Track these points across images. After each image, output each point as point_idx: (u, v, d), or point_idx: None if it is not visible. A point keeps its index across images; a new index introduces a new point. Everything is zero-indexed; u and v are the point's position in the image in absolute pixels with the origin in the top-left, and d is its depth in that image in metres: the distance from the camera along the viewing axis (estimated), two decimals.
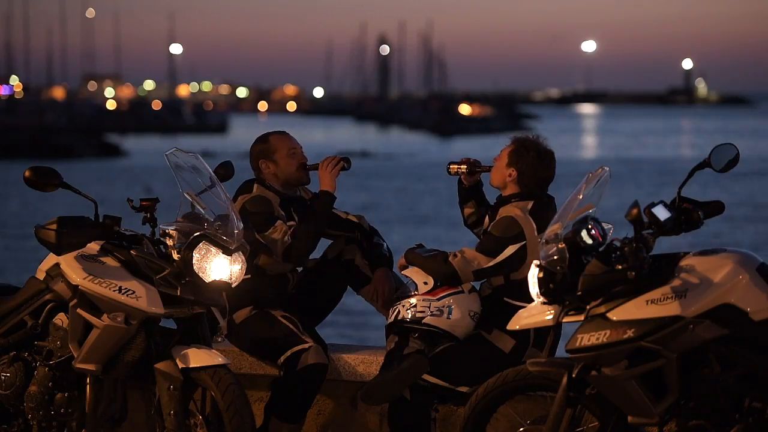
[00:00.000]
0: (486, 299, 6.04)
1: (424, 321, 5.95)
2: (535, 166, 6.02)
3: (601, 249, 5.04)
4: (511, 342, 5.94)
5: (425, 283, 6.00)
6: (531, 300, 5.25)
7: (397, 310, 6.02)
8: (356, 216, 6.54)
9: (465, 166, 6.31)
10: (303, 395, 6.13)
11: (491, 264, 5.89)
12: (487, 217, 6.15)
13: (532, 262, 5.76)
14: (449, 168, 6.37)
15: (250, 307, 6.25)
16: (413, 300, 5.98)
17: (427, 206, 44.09)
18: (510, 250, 5.88)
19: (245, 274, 5.72)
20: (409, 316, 5.97)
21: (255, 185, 6.33)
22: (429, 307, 5.95)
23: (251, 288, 6.13)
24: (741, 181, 52.81)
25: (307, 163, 6.39)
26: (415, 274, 6.04)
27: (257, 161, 6.36)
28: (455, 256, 5.92)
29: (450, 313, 5.95)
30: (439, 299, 5.96)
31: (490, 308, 6.00)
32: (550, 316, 5.13)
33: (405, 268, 6.12)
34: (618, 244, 4.98)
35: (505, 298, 5.96)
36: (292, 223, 6.27)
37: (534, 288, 5.16)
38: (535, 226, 5.89)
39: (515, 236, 5.89)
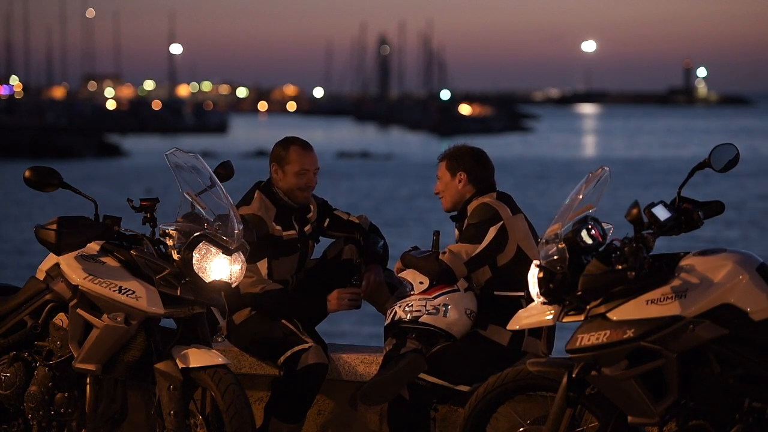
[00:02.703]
0: (477, 298, 6.08)
1: (420, 320, 5.97)
2: (475, 159, 6.20)
3: (601, 249, 5.05)
4: (508, 333, 5.97)
5: (421, 283, 6.05)
6: (520, 287, 5.30)
7: (394, 311, 6.05)
8: (357, 217, 6.56)
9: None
10: (303, 395, 6.14)
11: (479, 250, 5.97)
12: (456, 230, 6.20)
13: (513, 243, 5.86)
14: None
15: (249, 307, 6.25)
16: (410, 300, 6.02)
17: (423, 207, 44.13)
18: (492, 231, 6.00)
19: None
20: (406, 316, 5.99)
21: (256, 194, 6.31)
22: (425, 306, 5.98)
23: None
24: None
25: (310, 184, 6.31)
26: (411, 276, 6.08)
27: (271, 163, 6.36)
28: (444, 253, 5.98)
29: (446, 311, 5.98)
30: (435, 298, 6.00)
31: (481, 305, 6.06)
32: (550, 316, 5.14)
33: (402, 271, 6.15)
34: (618, 244, 4.98)
35: (495, 292, 6.03)
36: (290, 233, 6.29)
37: (534, 288, 5.16)
38: (507, 208, 6.02)
39: (492, 217, 6.01)
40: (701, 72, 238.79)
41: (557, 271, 5.03)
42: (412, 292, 6.05)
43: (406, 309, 6.01)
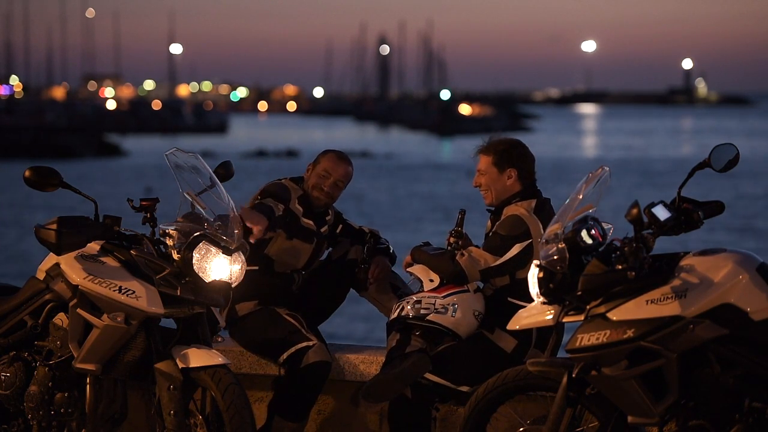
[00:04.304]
0: (489, 299, 6.05)
1: (427, 318, 5.96)
2: (523, 154, 6.09)
3: (601, 249, 5.04)
4: (513, 342, 5.95)
5: (431, 281, 6.02)
6: (534, 300, 5.26)
7: (401, 306, 6.03)
8: (369, 229, 6.58)
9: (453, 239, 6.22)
10: (306, 393, 6.14)
11: (498, 263, 5.91)
12: (489, 221, 6.15)
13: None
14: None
15: (254, 301, 6.26)
16: (418, 297, 6.00)
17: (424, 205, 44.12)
18: (516, 248, 5.91)
19: (253, 265, 5.70)
20: (413, 312, 5.98)
21: (286, 179, 6.40)
22: (434, 305, 5.96)
23: (258, 281, 6.15)
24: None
25: (325, 188, 6.32)
26: (421, 272, 6.07)
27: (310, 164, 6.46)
28: (462, 255, 5.93)
29: (454, 311, 5.96)
30: (444, 297, 5.97)
31: (493, 308, 6.02)
32: (550, 316, 5.13)
33: (411, 265, 6.13)
34: (618, 244, 4.98)
35: (509, 298, 5.98)
36: (309, 222, 6.32)
37: (534, 288, 5.16)
38: (540, 225, 5.92)
39: (521, 234, 5.91)
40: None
41: (557, 271, 5.03)
42: (421, 289, 6.04)
43: (415, 305, 5.99)
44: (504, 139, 6.15)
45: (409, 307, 6.00)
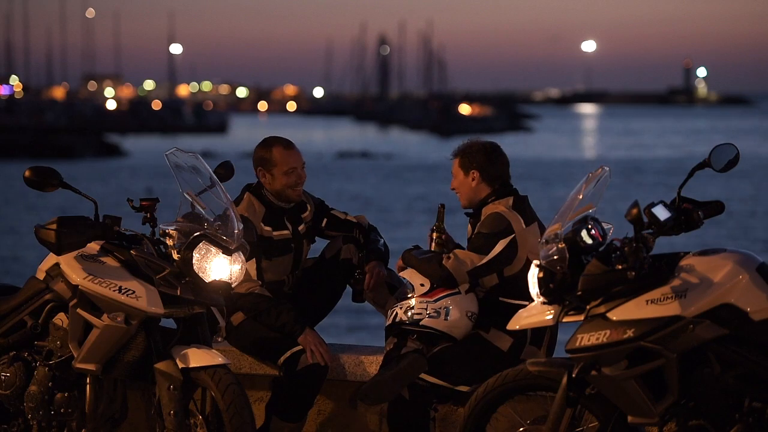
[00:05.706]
0: (481, 300, 6.07)
1: (421, 323, 5.96)
2: (487, 156, 6.11)
3: (601, 249, 5.04)
4: (509, 340, 5.96)
5: (422, 285, 6.03)
6: (526, 297, 5.28)
7: (395, 312, 6.04)
8: (356, 216, 6.55)
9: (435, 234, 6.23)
10: (304, 395, 6.13)
11: (484, 261, 5.93)
12: (469, 225, 6.17)
13: (523, 256, 5.82)
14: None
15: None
16: (411, 302, 6.01)
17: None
18: (501, 245, 5.93)
19: None
20: (407, 318, 5.98)
21: (246, 196, 6.33)
22: (426, 309, 5.97)
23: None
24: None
25: (300, 181, 6.30)
26: (412, 276, 6.07)
27: (256, 167, 6.36)
28: (449, 258, 5.95)
29: (447, 314, 5.96)
30: (436, 301, 5.98)
31: (486, 308, 6.03)
32: (550, 316, 5.13)
33: (403, 269, 6.14)
34: (618, 244, 4.98)
35: (500, 298, 6.00)
36: (283, 233, 6.29)
37: (534, 288, 5.16)
38: (521, 219, 5.95)
39: (504, 230, 5.94)
40: (701, 72, 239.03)
41: (557, 271, 5.03)
42: (413, 293, 6.04)
43: (407, 311, 5.99)
44: (473, 142, 6.20)
45: (402, 312, 6.01)
